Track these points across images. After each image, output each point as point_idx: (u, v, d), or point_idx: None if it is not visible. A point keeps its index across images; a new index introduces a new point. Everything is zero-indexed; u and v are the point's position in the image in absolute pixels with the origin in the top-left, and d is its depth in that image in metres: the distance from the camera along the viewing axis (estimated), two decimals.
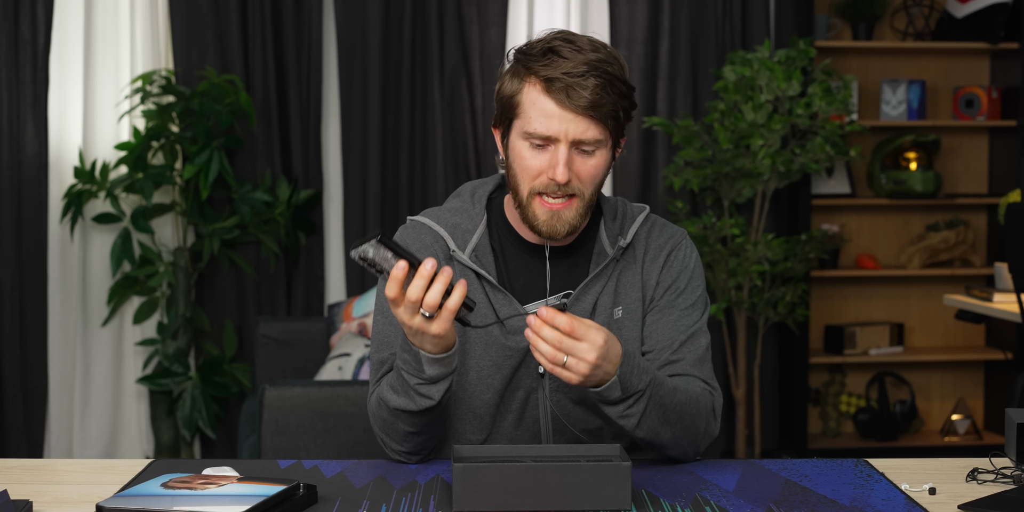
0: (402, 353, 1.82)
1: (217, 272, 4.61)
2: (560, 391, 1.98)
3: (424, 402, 1.84)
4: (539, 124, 1.84)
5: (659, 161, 4.79)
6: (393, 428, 1.90)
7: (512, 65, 1.89)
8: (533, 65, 1.84)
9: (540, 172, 1.86)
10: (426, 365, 1.80)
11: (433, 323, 1.72)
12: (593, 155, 1.87)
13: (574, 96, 1.81)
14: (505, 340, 1.95)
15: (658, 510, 1.69)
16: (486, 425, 2.00)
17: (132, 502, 1.63)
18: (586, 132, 1.84)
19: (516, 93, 1.87)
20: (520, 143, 1.88)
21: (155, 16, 4.53)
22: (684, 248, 2.03)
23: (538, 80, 1.84)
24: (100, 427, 4.58)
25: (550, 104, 1.83)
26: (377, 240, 1.67)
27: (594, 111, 1.82)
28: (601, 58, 1.84)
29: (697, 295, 2.01)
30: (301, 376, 3.98)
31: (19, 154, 4.45)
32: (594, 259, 1.99)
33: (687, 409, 1.89)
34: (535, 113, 1.84)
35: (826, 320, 5.10)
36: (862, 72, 5.07)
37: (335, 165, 4.74)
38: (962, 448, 4.92)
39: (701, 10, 4.78)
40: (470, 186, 2.07)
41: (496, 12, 4.70)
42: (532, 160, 1.86)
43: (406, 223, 2.05)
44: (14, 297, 4.46)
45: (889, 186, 4.94)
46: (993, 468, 1.88)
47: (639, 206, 2.05)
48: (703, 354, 1.99)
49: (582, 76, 1.81)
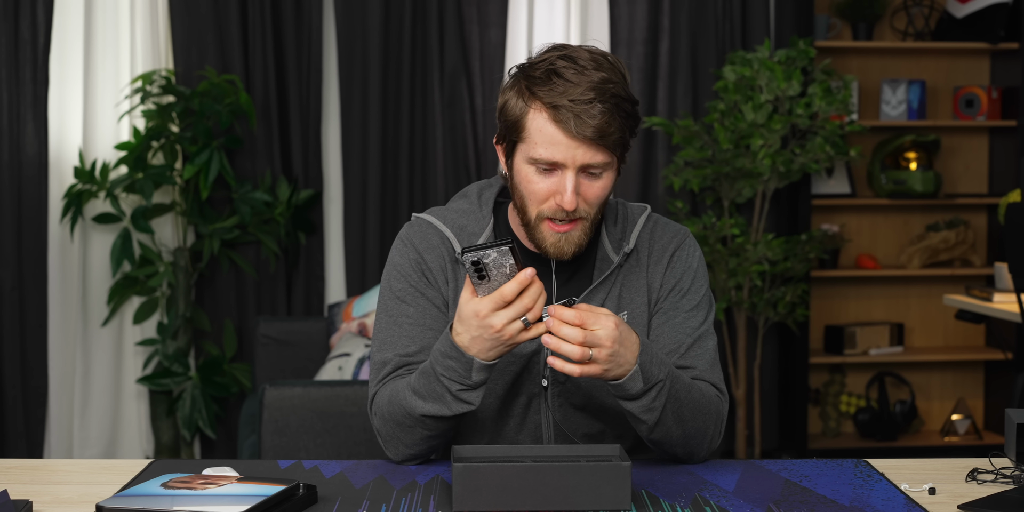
0: (444, 360, 1.79)
1: (217, 272, 4.61)
2: (562, 396, 1.97)
3: (462, 407, 1.82)
4: (545, 151, 1.82)
5: (659, 161, 4.80)
6: (410, 433, 1.88)
7: (515, 83, 1.87)
8: (537, 90, 1.82)
9: (547, 196, 1.85)
10: (475, 372, 1.78)
11: (528, 331, 1.73)
12: (600, 177, 1.86)
13: (580, 125, 1.79)
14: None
15: (658, 510, 1.69)
16: (487, 430, 1.99)
17: (132, 502, 1.63)
18: (594, 157, 1.82)
19: (521, 117, 1.84)
20: (526, 167, 1.86)
21: (155, 16, 4.53)
22: (687, 248, 2.01)
23: (543, 106, 1.81)
24: (100, 427, 4.58)
25: (556, 132, 1.81)
26: (509, 248, 1.68)
27: (601, 139, 1.81)
28: (605, 78, 1.81)
29: (701, 295, 2.00)
30: (301, 376, 3.98)
31: (19, 154, 4.45)
32: (597, 266, 1.98)
33: (700, 408, 1.88)
34: (541, 139, 1.82)
35: (826, 320, 5.10)
36: (862, 72, 5.07)
37: (335, 165, 4.74)
38: (962, 448, 4.92)
39: (701, 10, 4.78)
40: (477, 187, 2.05)
41: (496, 12, 4.71)
42: (539, 184, 1.85)
43: (411, 220, 2.04)
44: (14, 297, 4.46)
45: (889, 186, 4.94)
46: (993, 468, 1.88)
47: (639, 206, 2.04)
48: (713, 357, 1.98)
49: (589, 103, 1.79)
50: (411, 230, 2.01)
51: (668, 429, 1.85)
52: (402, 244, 2.00)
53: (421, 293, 1.96)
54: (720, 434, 1.95)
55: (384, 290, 1.99)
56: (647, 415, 1.82)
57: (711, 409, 1.91)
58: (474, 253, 1.68)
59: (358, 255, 4.67)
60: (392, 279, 1.99)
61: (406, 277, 1.97)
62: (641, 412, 1.81)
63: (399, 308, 1.96)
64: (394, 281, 1.98)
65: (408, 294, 1.97)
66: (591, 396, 1.97)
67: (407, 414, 1.86)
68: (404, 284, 1.97)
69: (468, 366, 1.77)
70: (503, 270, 1.70)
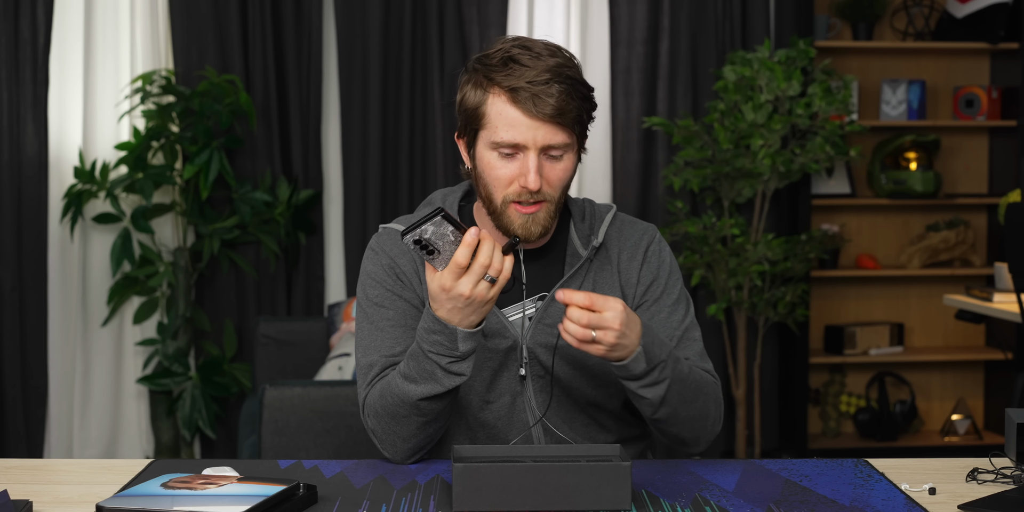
0: (429, 336, 1.81)
1: (217, 272, 4.61)
2: (544, 392, 1.99)
3: (454, 380, 1.84)
4: (507, 133, 1.86)
5: (659, 161, 4.80)
6: (405, 424, 1.89)
7: (471, 75, 1.91)
8: (495, 75, 1.86)
9: (511, 180, 1.88)
10: (461, 341, 1.80)
11: (495, 286, 1.76)
12: (561, 159, 1.89)
13: (540, 104, 1.83)
14: (485, 342, 1.96)
15: (658, 510, 1.69)
16: (472, 428, 2.01)
17: (132, 502, 1.63)
18: (554, 138, 1.86)
19: (480, 104, 1.88)
20: (488, 153, 1.89)
21: (155, 16, 4.53)
22: (658, 243, 2.06)
23: (502, 90, 1.86)
24: (100, 427, 4.58)
25: (516, 113, 1.85)
26: (441, 216, 1.70)
27: (560, 118, 1.85)
28: (560, 63, 1.87)
29: (679, 290, 2.05)
30: (301, 376, 3.98)
31: (19, 154, 4.45)
32: (567, 260, 2.01)
33: (701, 388, 1.92)
34: (502, 123, 1.86)
35: (826, 320, 5.10)
36: (862, 72, 5.07)
37: (335, 165, 4.74)
38: (962, 448, 4.92)
39: (701, 10, 4.78)
40: (440, 194, 2.09)
41: (496, 12, 4.70)
42: (502, 170, 1.89)
43: (379, 231, 2.07)
44: (14, 297, 4.46)
45: (889, 186, 4.94)
46: (993, 468, 1.88)
47: (605, 206, 2.08)
48: (701, 347, 2.03)
49: (546, 84, 1.84)
50: (380, 239, 2.04)
51: (673, 409, 1.88)
52: (373, 253, 2.03)
53: (398, 295, 1.99)
54: (720, 419, 1.99)
55: (361, 299, 2.02)
56: (651, 392, 1.84)
57: (710, 391, 1.95)
58: (412, 233, 1.70)
59: (358, 255, 4.67)
60: (367, 287, 2.01)
61: (381, 283, 2.00)
62: (645, 391, 1.84)
63: (378, 312, 1.99)
64: (369, 289, 2.01)
65: (385, 298, 1.99)
66: (572, 387, 2.00)
67: (401, 402, 1.88)
68: (380, 290, 2.00)
69: (453, 337, 1.80)
70: (447, 239, 1.72)
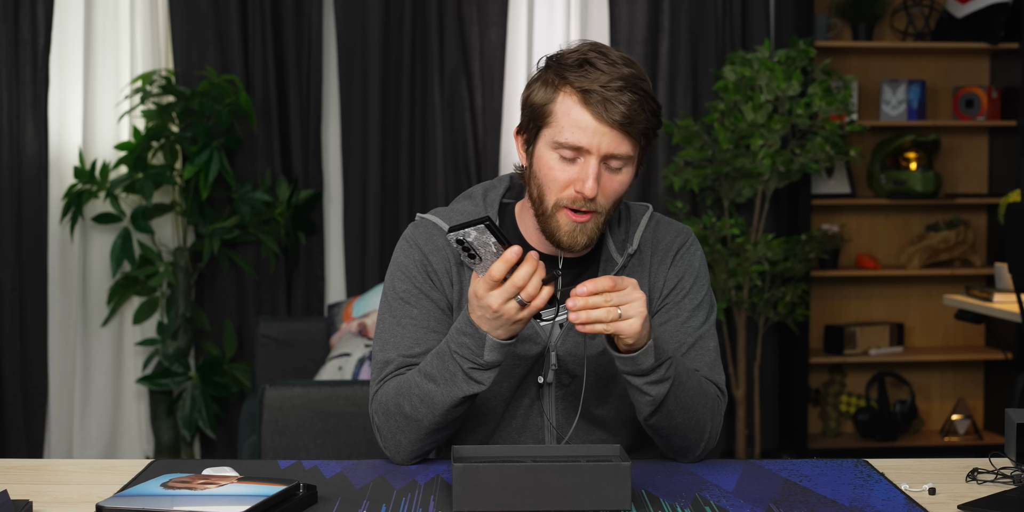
0: (459, 337, 1.79)
1: (217, 272, 4.61)
2: (565, 399, 1.97)
3: (473, 387, 1.82)
4: (572, 135, 1.82)
5: (659, 161, 4.80)
6: (416, 425, 1.88)
7: (544, 73, 1.87)
8: (569, 75, 1.83)
9: (568, 184, 1.85)
10: (488, 350, 1.78)
11: (525, 310, 1.73)
12: (620, 172, 1.86)
13: (610, 110, 1.80)
14: (514, 348, 1.93)
15: (658, 510, 1.69)
16: (490, 431, 1.99)
17: (132, 502, 1.63)
18: (619, 147, 1.83)
19: (549, 102, 1.84)
20: (548, 153, 1.86)
21: (155, 16, 4.53)
22: (690, 247, 2.02)
23: (574, 90, 1.82)
24: (100, 427, 4.58)
25: (585, 116, 1.82)
26: (485, 225, 1.68)
27: (629, 127, 1.81)
28: (635, 74, 1.84)
29: (703, 295, 2.00)
30: (301, 376, 3.98)
31: (19, 154, 4.45)
32: (602, 267, 1.98)
33: (701, 397, 1.89)
34: (568, 123, 1.82)
35: (826, 320, 5.10)
36: (862, 72, 5.07)
37: (335, 165, 4.74)
38: (962, 448, 4.92)
39: (701, 10, 4.78)
40: (482, 188, 2.05)
41: (496, 12, 4.70)
42: (560, 172, 1.85)
43: (416, 220, 2.03)
44: (14, 297, 4.46)
45: (889, 186, 4.94)
46: (993, 468, 1.88)
47: (641, 206, 2.04)
48: (714, 357, 1.98)
49: (619, 91, 1.81)
50: (416, 231, 2.00)
51: (670, 412, 1.85)
52: (407, 244, 1.99)
53: (425, 295, 1.96)
54: (716, 435, 1.95)
55: (388, 290, 1.98)
56: (654, 390, 1.81)
57: (710, 403, 1.92)
58: (456, 233, 1.68)
59: (358, 255, 4.67)
60: (396, 279, 1.98)
61: (410, 278, 1.96)
62: (650, 387, 1.81)
63: (403, 309, 1.96)
64: (398, 282, 1.97)
65: (412, 295, 1.96)
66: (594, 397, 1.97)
67: (421, 402, 1.85)
68: (408, 285, 1.96)
69: (481, 343, 1.78)
70: (489, 249, 1.70)
